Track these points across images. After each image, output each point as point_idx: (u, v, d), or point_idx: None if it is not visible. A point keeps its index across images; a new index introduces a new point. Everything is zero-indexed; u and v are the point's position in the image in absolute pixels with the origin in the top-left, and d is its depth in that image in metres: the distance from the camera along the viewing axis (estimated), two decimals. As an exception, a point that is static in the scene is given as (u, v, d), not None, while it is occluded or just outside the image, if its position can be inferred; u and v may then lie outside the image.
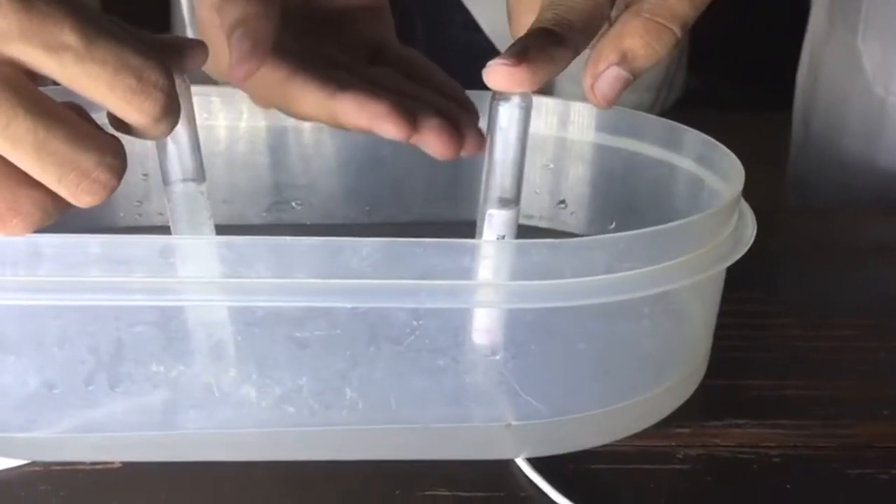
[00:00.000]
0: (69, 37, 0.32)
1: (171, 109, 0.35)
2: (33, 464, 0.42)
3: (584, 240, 0.37)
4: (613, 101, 0.40)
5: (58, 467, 0.42)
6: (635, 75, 0.39)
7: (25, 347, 0.39)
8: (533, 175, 0.54)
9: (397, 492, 0.41)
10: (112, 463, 0.42)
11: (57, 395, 0.39)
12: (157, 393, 0.40)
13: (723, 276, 0.44)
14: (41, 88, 0.33)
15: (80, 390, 0.39)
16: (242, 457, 0.42)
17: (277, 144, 0.55)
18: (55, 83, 0.34)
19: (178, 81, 0.37)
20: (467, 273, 0.37)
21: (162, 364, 0.39)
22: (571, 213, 0.55)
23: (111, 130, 0.35)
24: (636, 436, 0.44)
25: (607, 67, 0.39)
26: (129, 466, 0.42)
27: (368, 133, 0.43)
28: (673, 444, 0.44)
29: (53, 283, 0.36)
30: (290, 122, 0.54)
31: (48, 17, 0.32)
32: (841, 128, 0.75)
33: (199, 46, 0.39)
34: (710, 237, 0.41)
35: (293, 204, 0.56)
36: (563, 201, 0.55)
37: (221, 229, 0.41)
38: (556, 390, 0.41)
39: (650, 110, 0.56)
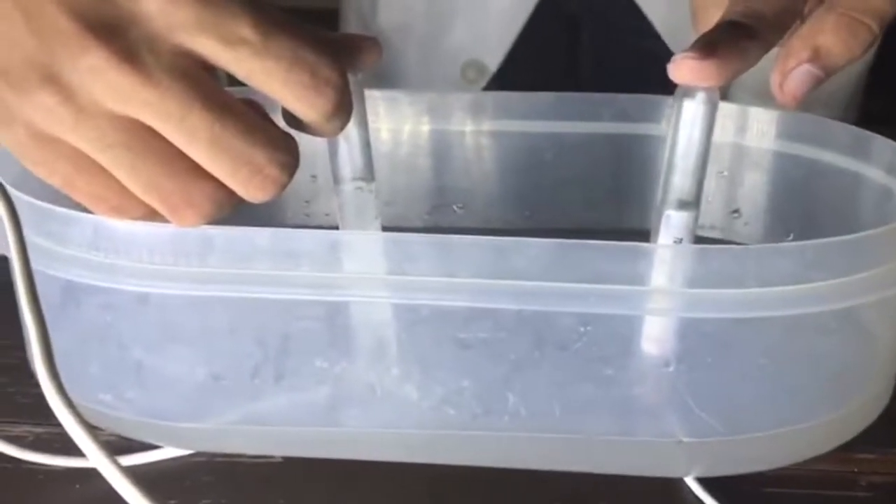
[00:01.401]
0: (246, 30, 0.32)
1: (344, 107, 0.34)
2: (197, 454, 0.42)
3: (769, 247, 0.35)
4: (801, 101, 0.38)
5: (221, 458, 0.42)
6: (828, 74, 0.37)
7: (194, 338, 0.39)
8: (706, 182, 0.52)
9: (558, 504, 0.40)
10: (273, 457, 0.42)
11: (223, 386, 0.40)
12: (320, 389, 0.39)
13: (915, 292, 0.41)
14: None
15: (245, 382, 0.39)
16: (402, 457, 0.41)
17: (440, 148, 0.55)
18: (231, 81, 0.34)
19: (350, 80, 0.37)
20: (640, 278, 0.35)
21: (326, 360, 0.39)
22: (745, 224, 0.53)
23: (286, 128, 0.35)
24: (816, 459, 0.41)
25: (798, 64, 0.37)
26: (289, 461, 0.42)
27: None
28: (856, 470, 0.41)
29: (223, 274, 0.36)
30: (453, 125, 0.54)
31: (226, 10, 0.32)
32: None
33: (374, 45, 0.39)
34: (904, 249, 0.38)
35: (454, 207, 0.56)
36: (736, 210, 0.53)
37: (384, 230, 0.41)
38: (733, 407, 0.38)
39: None
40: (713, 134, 0.37)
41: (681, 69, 0.34)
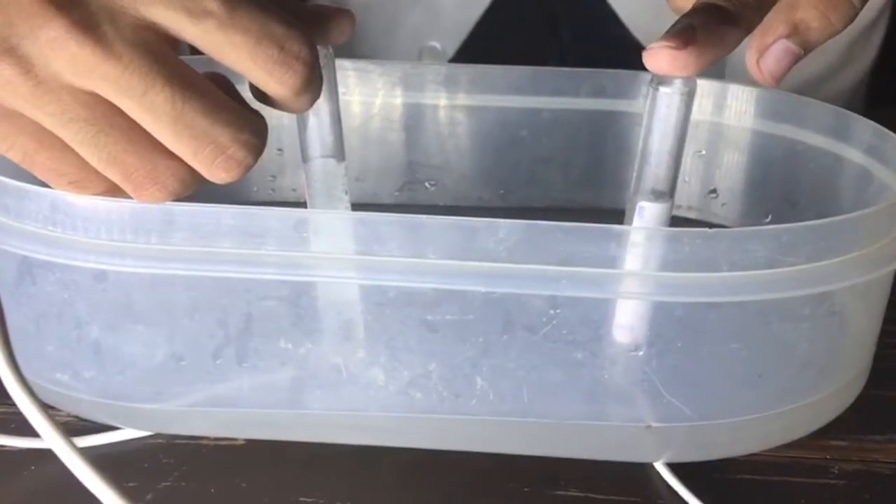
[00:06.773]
0: (212, 3, 0.31)
1: (313, 83, 0.33)
2: (157, 436, 0.41)
3: (742, 230, 0.34)
4: (780, 79, 0.36)
5: (181, 441, 0.41)
6: (807, 50, 0.36)
7: (155, 317, 0.38)
8: (683, 162, 0.51)
9: (526, 489, 0.39)
10: (236, 439, 0.41)
11: (184, 367, 0.39)
12: (284, 370, 0.38)
13: (890, 278, 0.40)
14: (185, 58, 0.33)
15: (207, 364, 0.38)
16: (367, 441, 0.40)
17: (412, 122, 0.54)
18: (197, 52, 0.33)
19: (321, 53, 0.35)
20: (612, 261, 0.35)
21: (290, 341, 0.38)
22: (723, 205, 0.52)
23: (253, 103, 0.34)
24: (788, 446, 0.40)
25: (776, 40, 0.35)
26: (252, 444, 0.41)
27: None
28: (828, 457, 0.41)
29: (186, 252, 0.35)
30: (426, 99, 0.53)
31: None
32: None
33: (346, 17, 0.37)
34: (880, 234, 0.37)
35: (426, 184, 0.55)
36: (714, 191, 0.52)
37: (353, 208, 0.40)
38: (703, 392, 0.38)
39: None
40: (690, 117, 0.37)
41: (657, 59, 0.33)
